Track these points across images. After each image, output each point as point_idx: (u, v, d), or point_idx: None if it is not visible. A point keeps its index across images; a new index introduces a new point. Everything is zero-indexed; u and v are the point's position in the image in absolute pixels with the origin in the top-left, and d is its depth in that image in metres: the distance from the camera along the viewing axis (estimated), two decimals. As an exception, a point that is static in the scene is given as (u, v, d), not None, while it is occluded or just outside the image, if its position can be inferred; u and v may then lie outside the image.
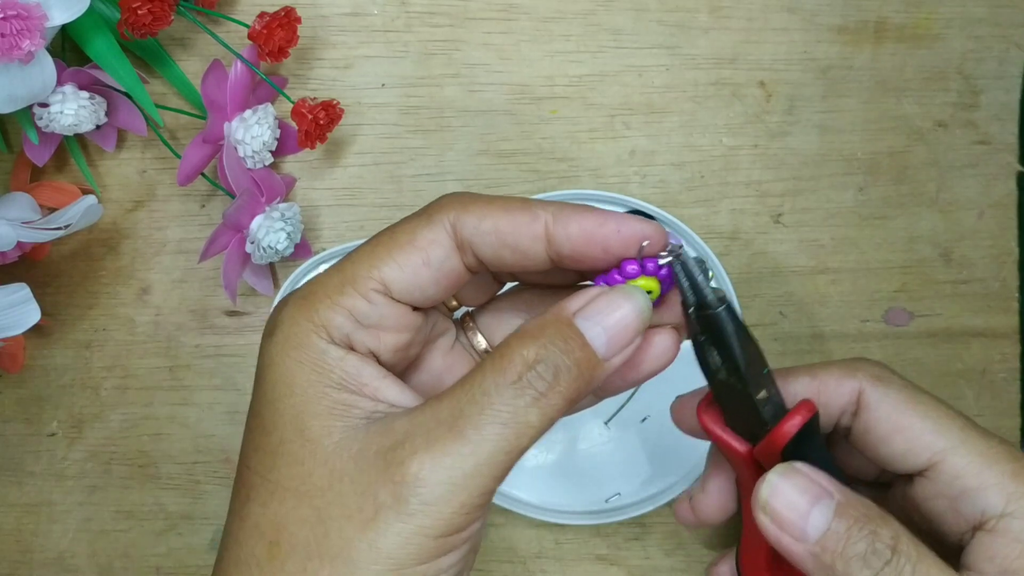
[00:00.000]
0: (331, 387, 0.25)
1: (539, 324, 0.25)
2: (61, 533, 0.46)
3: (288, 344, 0.26)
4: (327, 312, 0.26)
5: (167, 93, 0.46)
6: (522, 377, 0.24)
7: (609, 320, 0.25)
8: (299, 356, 0.25)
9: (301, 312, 0.26)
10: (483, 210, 0.26)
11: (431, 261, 0.26)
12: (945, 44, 0.47)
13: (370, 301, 0.26)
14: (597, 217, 0.26)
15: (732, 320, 0.28)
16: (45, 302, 0.42)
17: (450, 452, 0.24)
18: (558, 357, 0.25)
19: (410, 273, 0.26)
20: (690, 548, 0.46)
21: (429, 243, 0.26)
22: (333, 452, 0.25)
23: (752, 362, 0.29)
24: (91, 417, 0.46)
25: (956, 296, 0.47)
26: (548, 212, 0.26)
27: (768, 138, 0.47)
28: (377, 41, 0.46)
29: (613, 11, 0.47)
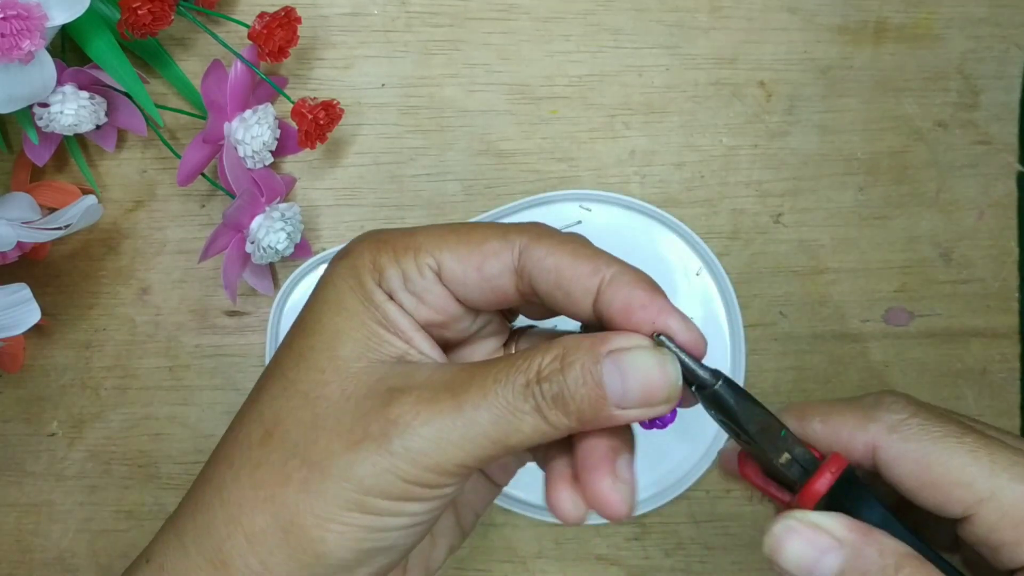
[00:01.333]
0: (373, 321, 0.27)
1: (573, 343, 0.26)
2: (61, 533, 0.46)
3: (351, 272, 0.27)
4: (387, 261, 0.27)
5: (167, 93, 0.46)
6: (530, 384, 0.25)
7: (632, 379, 0.26)
8: (355, 285, 0.27)
9: (370, 251, 0.28)
10: (552, 248, 0.27)
11: (483, 269, 0.27)
12: (945, 44, 0.47)
13: (421, 273, 0.27)
14: (645, 297, 0.26)
15: (732, 395, 0.28)
16: (45, 302, 0.42)
17: (443, 416, 0.25)
18: (569, 384, 0.25)
19: (462, 270, 0.27)
20: (689, 548, 0.46)
21: (492, 254, 0.27)
22: (353, 374, 0.26)
23: (764, 429, 0.28)
24: (91, 417, 0.46)
25: (956, 296, 0.47)
26: (610, 271, 0.26)
27: (768, 138, 0.47)
28: (377, 41, 0.46)
29: (613, 11, 0.47)
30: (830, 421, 0.30)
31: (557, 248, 0.27)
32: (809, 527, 0.27)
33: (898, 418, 0.29)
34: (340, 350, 0.27)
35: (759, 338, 0.46)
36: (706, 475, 0.45)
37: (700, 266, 0.46)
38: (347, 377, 0.26)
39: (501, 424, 0.25)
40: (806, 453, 0.28)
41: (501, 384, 0.25)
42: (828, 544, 0.27)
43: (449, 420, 0.25)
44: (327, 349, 0.27)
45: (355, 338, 0.27)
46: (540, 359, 0.26)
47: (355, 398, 0.26)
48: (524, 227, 0.28)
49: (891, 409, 0.29)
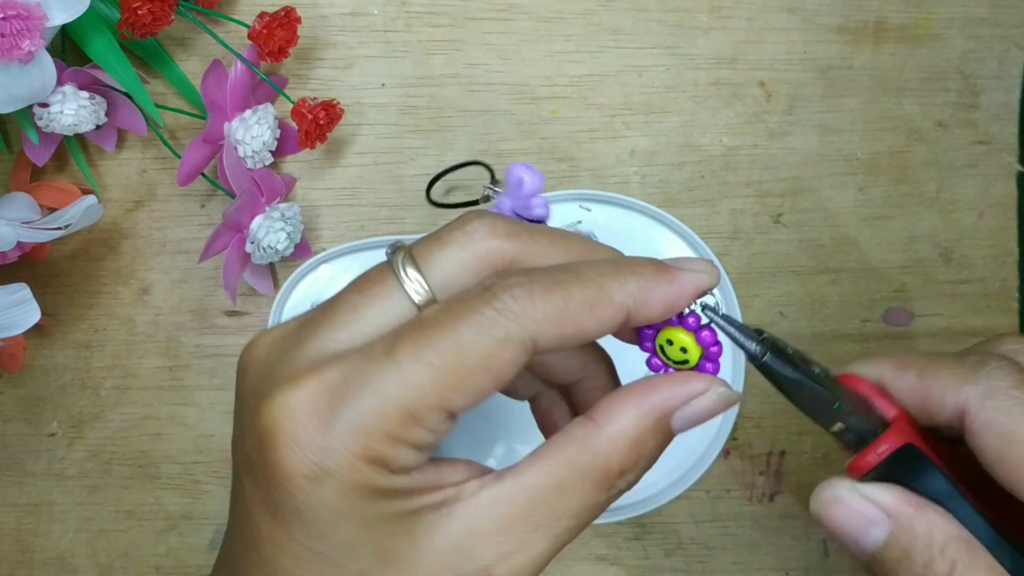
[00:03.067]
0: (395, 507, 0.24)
1: (638, 423, 0.25)
2: (61, 533, 0.46)
3: (352, 494, 0.23)
4: (390, 451, 0.23)
5: (167, 93, 0.46)
6: (612, 484, 0.25)
7: (696, 417, 0.26)
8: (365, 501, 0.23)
9: (357, 456, 0.23)
10: (564, 315, 0.24)
11: (502, 382, 0.24)
12: (945, 44, 0.47)
13: (435, 432, 0.24)
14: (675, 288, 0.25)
15: (781, 367, 0.27)
16: (45, 302, 0.42)
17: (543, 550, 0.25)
18: (649, 463, 0.26)
19: (477, 398, 0.24)
20: (690, 548, 0.46)
21: (507, 366, 0.23)
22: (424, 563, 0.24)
23: (814, 402, 0.27)
24: (91, 417, 0.46)
25: (956, 296, 0.47)
26: (629, 297, 0.24)
27: (768, 138, 0.47)
28: (377, 41, 0.46)
29: (613, 11, 0.47)
30: (926, 376, 0.28)
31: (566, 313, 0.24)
32: (858, 498, 0.27)
33: (997, 385, 0.27)
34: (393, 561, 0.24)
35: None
36: (706, 475, 0.45)
37: (700, 266, 0.46)
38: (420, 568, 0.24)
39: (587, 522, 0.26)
40: (863, 422, 0.27)
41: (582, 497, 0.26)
42: (875, 515, 0.26)
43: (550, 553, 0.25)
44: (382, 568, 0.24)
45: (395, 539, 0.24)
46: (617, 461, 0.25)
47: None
48: (515, 309, 0.23)
49: (992, 374, 0.27)
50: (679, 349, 0.26)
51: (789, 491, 0.46)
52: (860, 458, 0.27)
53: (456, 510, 0.24)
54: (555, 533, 0.25)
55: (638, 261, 0.25)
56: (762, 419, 0.46)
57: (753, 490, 0.46)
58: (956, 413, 0.27)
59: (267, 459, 0.23)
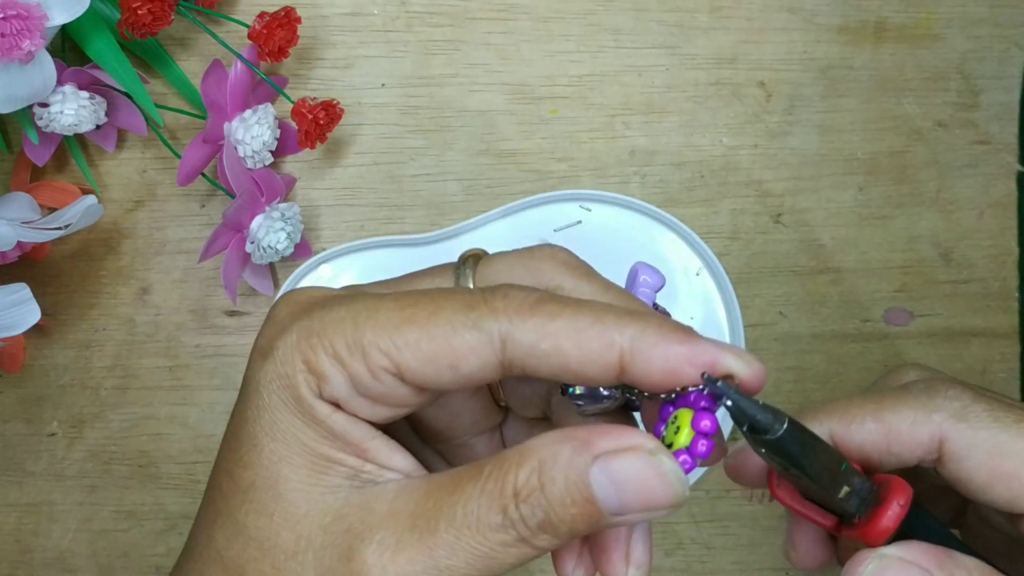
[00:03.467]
0: (315, 440, 0.23)
1: (549, 453, 0.22)
2: (61, 533, 0.46)
3: (280, 380, 0.23)
4: (328, 365, 0.23)
5: (167, 93, 0.46)
6: (507, 511, 0.22)
7: (630, 488, 0.21)
8: (288, 399, 0.23)
9: (300, 350, 0.23)
10: (545, 327, 0.22)
11: (460, 369, 0.23)
12: (945, 44, 0.47)
13: (377, 378, 0.23)
14: (686, 350, 0.22)
15: (798, 440, 0.24)
16: (45, 302, 0.42)
17: (412, 560, 0.22)
18: (554, 506, 0.21)
19: (431, 372, 0.23)
20: (689, 548, 0.46)
21: (466, 352, 0.22)
22: (304, 517, 0.23)
23: (826, 470, 0.25)
24: (91, 417, 0.46)
25: (956, 296, 0.47)
26: (626, 337, 0.22)
27: (768, 138, 0.47)
28: (377, 41, 0.46)
29: (613, 11, 0.47)
30: (884, 418, 0.27)
31: (548, 326, 0.22)
32: (898, 564, 0.25)
33: (961, 404, 0.26)
34: (283, 487, 0.23)
35: (759, 338, 0.46)
36: (706, 475, 0.45)
37: (700, 266, 0.46)
38: (298, 523, 0.23)
39: (481, 563, 0.22)
40: (864, 483, 0.26)
41: (473, 516, 0.22)
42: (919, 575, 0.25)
43: (418, 568, 0.22)
44: (270, 487, 0.23)
45: (298, 467, 0.23)
46: (514, 475, 0.22)
47: (313, 548, 0.23)
48: (499, 305, 0.23)
49: (949, 396, 0.26)
50: (674, 429, 0.23)
51: (789, 491, 0.46)
52: (878, 521, 0.25)
53: (365, 487, 0.23)
54: (429, 542, 0.22)
55: (662, 318, 0.23)
56: (762, 419, 0.46)
57: (753, 490, 0.46)
58: (931, 445, 0.26)
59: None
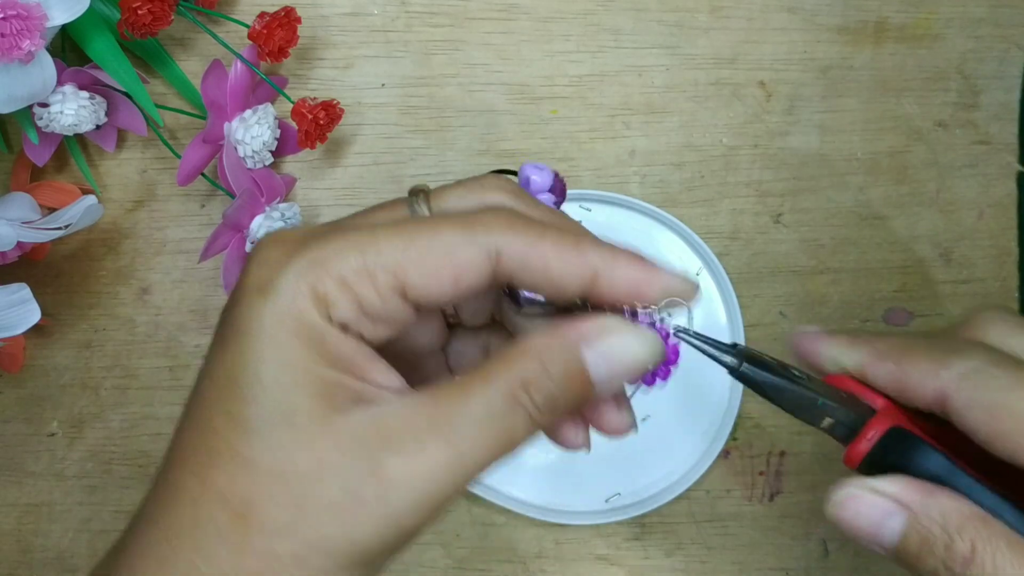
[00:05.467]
0: (325, 367, 0.24)
1: (546, 344, 0.25)
2: (61, 533, 0.46)
3: (287, 315, 0.24)
4: (336, 292, 0.24)
5: (167, 93, 0.46)
6: (517, 397, 0.24)
7: (617, 363, 0.25)
8: (297, 330, 0.24)
9: (306, 281, 0.24)
10: (532, 243, 0.25)
11: (461, 283, 0.25)
12: (945, 44, 0.47)
13: (383, 298, 0.25)
14: (644, 272, 0.26)
15: (759, 373, 0.28)
16: (45, 302, 0.42)
17: (438, 458, 0.24)
18: (557, 387, 0.25)
19: (435, 287, 0.25)
20: (690, 548, 0.46)
21: (466, 265, 0.25)
22: (319, 441, 0.24)
23: (799, 402, 0.28)
24: (91, 417, 0.46)
25: (956, 296, 0.47)
26: (599, 256, 0.25)
27: (768, 138, 0.47)
28: (377, 41, 0.46)
29: (613, 11, 0.47)
30: (903, 365, 0.28)
31: (537, 243, 0.25)
32: (869, 493, 0.27)
33: (972, 365, 0.27)
34: (295, 418, 0.24)
35: (759, 338, 0.46)
36: (706, 475, 0.45)
37: (700, 266, 0.46)
38: (314, 444, 0.24)
39: (497, 444, 0.24)
40: (850, 414, 0.28)
41: (488, 408, 0.24)
42: (889, 509, 0.27)
43: (443, 460, 0.24)
44: (281, 421, 0.24)
45: (310, 395, 0.24)
46: (520, 368, 0.24)
47: (333, 466, 0.24)
48: (493, 223, 0.25)
49: (967, 355, 0.27)
50: None
51: (789, 491, 0.46)
52: (852, 447, 0.28)
53: (371, 408, 0.24)
54: (454, 440, 0.24)
55: (626, 248, 0.26)
56: (762, 419, 0.46)
57: (753, 490, 0.46)
58: (937, 398, 0.27)
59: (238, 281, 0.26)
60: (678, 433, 0.45)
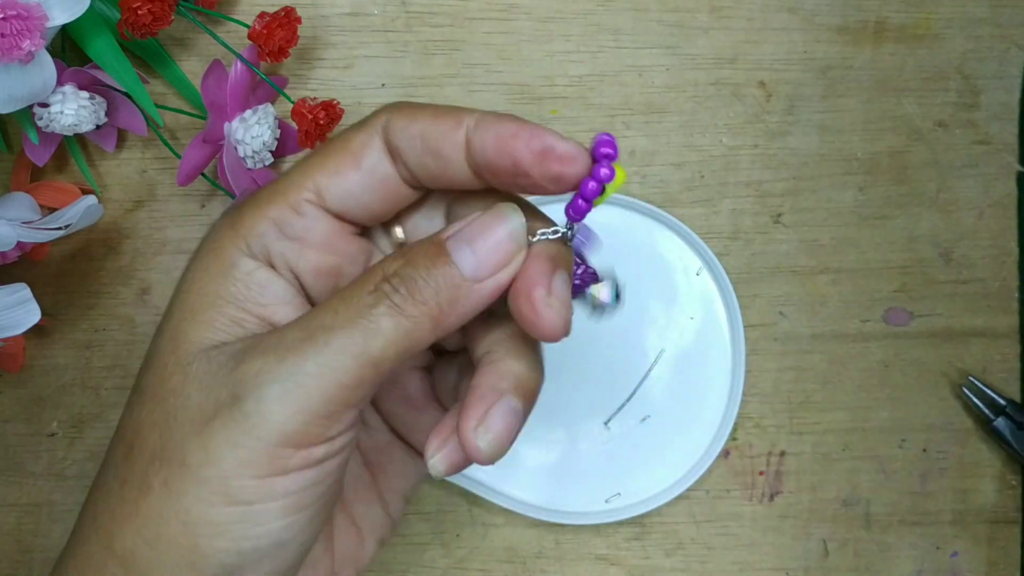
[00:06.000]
0: (224, 299, 0.25)
1: (410, 247, 0.25)
2: (61, 533, 0.46)
3: (204, 253, 0.25)
4: (250, 222, 0.25)
5: (167, 93, 0.46)
6: (378, 287, 0.24)
7: (479, 243, 0.24)
8: (208, 263, 0.25)
9: (226, 224, 0.25)
10: (414, 114, 0.25)
11: (362, 165, 0.25)
12: (945, 44, 0.47)
13: (298, 211, 0.25)
14: (514, 126, 0.25)
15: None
16: (45, 302, 0.42)
17: (294, 352, 0.23)
18: (418, 272, 0.24)
19: (342, 179, 0.25)
20: (690, 548, 0.46)
21: (360, 146, 0.25)
22: (195, 357, 0.24)
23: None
24: (91, 417, 0.46)
25: (956, 296, 0.47)
26: (472, 117, 0.25)
27: (768, 138, 0.47)
28: (377, 41, 0.46)
29: (613, 11, 0.47)
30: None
31: (418, 114, 0.25)
32: None
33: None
34: (181, 340, 0.24)
35: (759, 338, 0.46)
36: (706, 475, 0.45)
37: (700, 266, 0.46)
38: (189, 363, 0.24)
39: (356, 335, 0.23)
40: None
41: (348, 299, 0.24)
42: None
43: (300, 353, 0.23)
44: (168, 345, 0.25)
45: (199, 323, 0.24)
46: (385, 264, 0.24)
47: (199, 378, 0.24)
48: (382, 109, 0.26)
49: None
50: None
51: (789, 491, 0.46)
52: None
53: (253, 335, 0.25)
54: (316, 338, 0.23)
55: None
56: (762, 419, 0.46)
57: (753, 490, 0.46)
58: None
59: None
60: (678, 433, 0.45)
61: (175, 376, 0.24)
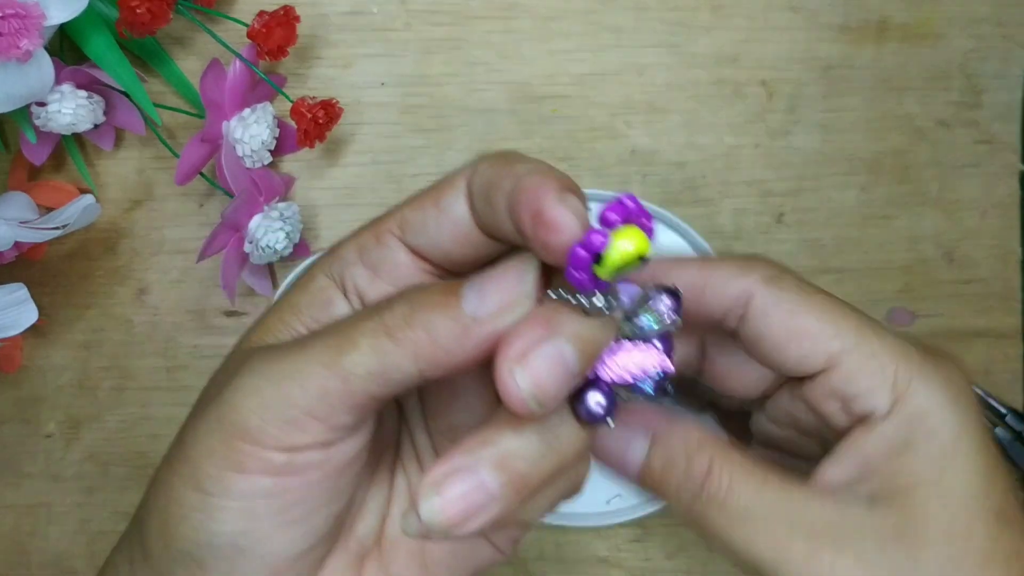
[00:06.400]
0: (288, 306, 0.26)
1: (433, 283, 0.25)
2: (59, 534, 0.45)
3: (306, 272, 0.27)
4: (344, 247, 0.26)
5: (165, 92, 0.46)
6: (379, 308, 0.23)
7: (487, 284, 0.23)
8: (300, 280, 0.27)
9: (331, 247, 0.27)
10: (492, 160, 0.24)
11: (441, 203, 0.25)
12: (947, 43, 0.47)
13: (380, 241, 0.26)
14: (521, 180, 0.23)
15: None
16: (42, 302, 0.41)
17: (283, 351, 0.23)
18: (422, 298, 0.23)
19: (422, 214, 0.25)
20: (691, 550, 0.46)
21: (447, 186, 0.25)
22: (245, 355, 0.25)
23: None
24: (89, 418, 0.46)
25: (959, 296, 0.47)
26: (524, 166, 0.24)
27: (770, 137, 0.47)
28: (377, 40, 0.46)
29: (614, 9, 0.46)
30: (706, 270, 0.29)
31: (494, 160, 0.24)
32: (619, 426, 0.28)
33: (772, 273, 0.29)
34: (243, 342, 0.26)
35: (761, 338, 0.46)
36: (707, 476, 0.45)
37: (701, 266, 0.45)
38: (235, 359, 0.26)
39: (332, 343, 0.23)
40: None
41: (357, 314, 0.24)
42: (634, 434, 0.29)
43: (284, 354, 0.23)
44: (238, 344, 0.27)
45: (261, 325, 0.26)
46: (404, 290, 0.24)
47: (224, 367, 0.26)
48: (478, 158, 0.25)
49: (766, 265, 0.29)
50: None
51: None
52: None
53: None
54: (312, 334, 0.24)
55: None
56: (764, 420, 0.46)
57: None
58: (739, 299, 0.28)
59: None
60: (679, 434, 0.45)
61: (220, 372, 0.26)
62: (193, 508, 0.23)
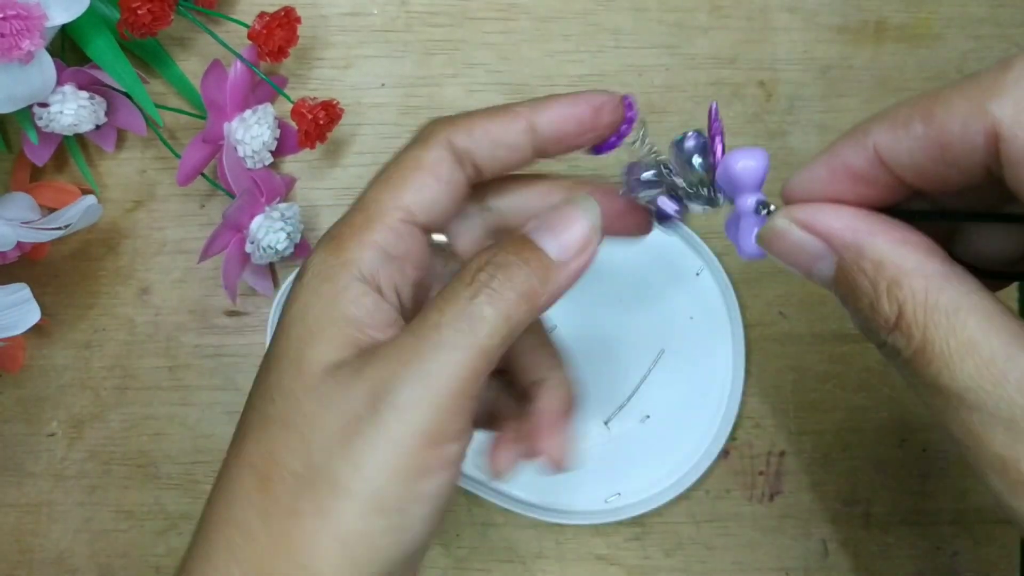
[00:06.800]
0: (341, 320, 0.26)
1: (495, 243, 0.27)
2: (61, 533, 0.46)
3: (310, 280, 0.26)
4: (357, 249, 0.26)
5: (167, 93, 0.46)
6: (475, 279, 0.25)
7: (560, 229, 0.27)
8: (320, 290, 0.26)
9: (330, 252, 0.27)
10: (471, 122, 0.28)
11: (442, 176, 0.28)
12: (945, 44, 0.47)
13: (398, 233, 0.27)
14: (567, 100, 0.29)
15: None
16: (45, 302, 0.42)
17: (414, 354, 0.24)
18: (508, 258, 0.26)
19: (427, 194, 0.27)
20: (690, 548, 0.46)
21: (436, 161, 0.28)
22: (320, 380, 0.25)
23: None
24: (91, 417, 0.46)
25: (956, 296, 0.47)
26: (525, 107, 0.29)
27: (768, 138, 0.47)
28: (377, 41, 0.46)
29: (613, 11, 0.47)
30: (935, 116, 0.22)
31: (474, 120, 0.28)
32: (798, 229, 0.25)
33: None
34: (304, 365, 0.25)
35: (759, 338, 0.46)
36: (706, 475, 0.45)
37: (701, 266, 0.46)
38: (317, 386, 0.25)
39: (463, 326, 0.24)
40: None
41: (450, 297, 0.25)
42: (817, 250, 0.24)
43: (419, 354, 0.24)
44: (292, 370, 0.25)
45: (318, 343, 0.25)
46: (477, 259, 0.26)
47: (332, 400, 0.24)
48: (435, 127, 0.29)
49: (1016, 81, 0.21)
50: None
51: (789, 491, 0.46)
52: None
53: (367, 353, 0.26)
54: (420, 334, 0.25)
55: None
56: (762, 419, 0.46)
57: (753, 490, 0.46)
58: (987, 145, 0.21)
59: None
60: (678, 433, 0.45)
61: (306, 402, 0.25)
62: (383, 532, 0.24)
